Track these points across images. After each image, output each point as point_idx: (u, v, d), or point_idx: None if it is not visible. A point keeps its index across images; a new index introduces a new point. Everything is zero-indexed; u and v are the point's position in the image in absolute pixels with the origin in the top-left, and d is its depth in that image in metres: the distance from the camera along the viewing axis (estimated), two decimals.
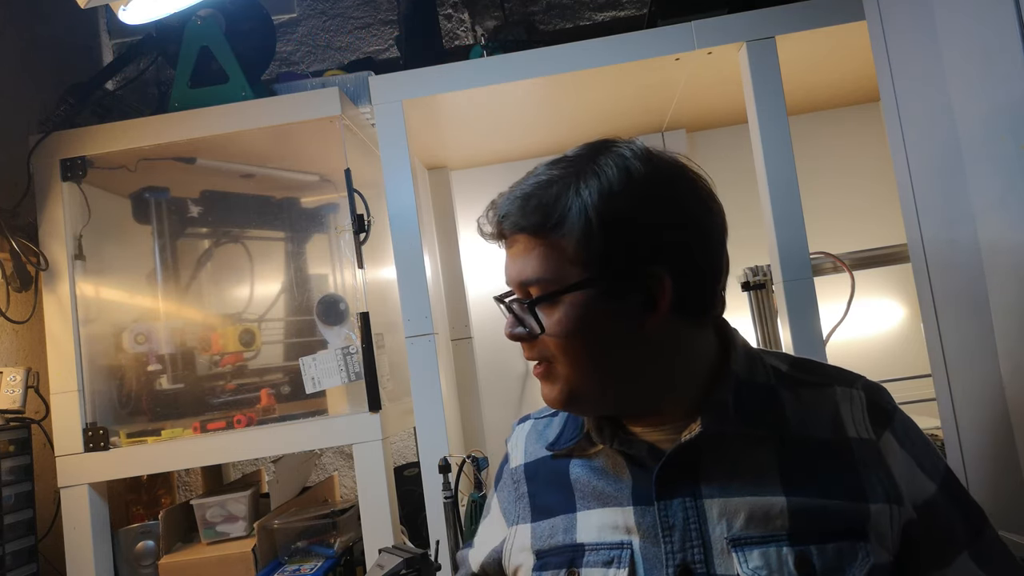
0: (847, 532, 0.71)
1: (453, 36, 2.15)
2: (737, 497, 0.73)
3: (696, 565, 0.72)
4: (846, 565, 0.70)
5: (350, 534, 1.61)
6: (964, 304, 1.02)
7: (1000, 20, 0.84)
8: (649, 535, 0.74)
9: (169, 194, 1.75)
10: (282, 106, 1.56)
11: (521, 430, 0.92)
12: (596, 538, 0.77)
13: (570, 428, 0.85)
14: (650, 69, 1.54)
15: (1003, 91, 0.87)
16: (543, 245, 0.74)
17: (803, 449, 0.75)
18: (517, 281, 0.77)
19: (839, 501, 0.72)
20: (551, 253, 0.74)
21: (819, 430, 0.76)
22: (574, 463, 0.83)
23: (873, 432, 0.76)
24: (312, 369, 1.55)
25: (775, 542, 0.71)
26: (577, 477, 0.81)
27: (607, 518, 0.77)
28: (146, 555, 1.62)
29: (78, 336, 1.56)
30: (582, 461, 0.82)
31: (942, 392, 1.10)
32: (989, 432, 0.99)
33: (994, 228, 0.92)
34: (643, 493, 0.76)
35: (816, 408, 0.77)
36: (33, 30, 1.86)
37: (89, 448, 1.53)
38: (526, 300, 0.76)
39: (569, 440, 0.84)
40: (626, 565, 0.74)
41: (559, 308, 0.74)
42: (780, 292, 1.40)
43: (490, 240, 0.80)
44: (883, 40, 1.13)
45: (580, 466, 0.82)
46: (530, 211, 0.74)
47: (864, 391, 0.79)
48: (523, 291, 0.77)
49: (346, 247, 1.58)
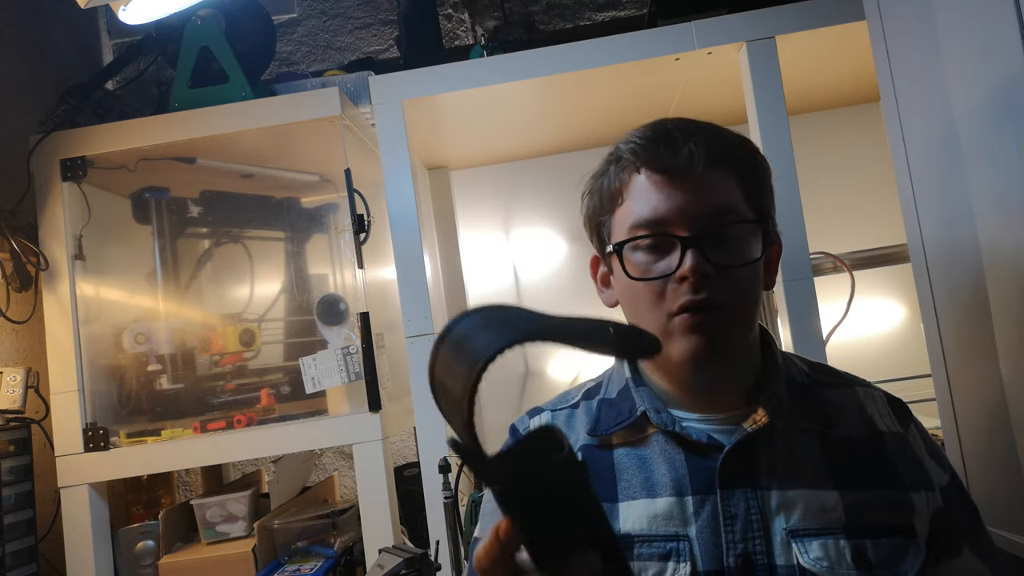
0: (898, 528, 0.73)
1: (453, 36, 2.15)
2: (794, 490, 0.73)
3: (757, 556, 0.71)
4: (898, 560, 0.71)
5: (350, 534, 1.61)
6: (964, 304, 1.02)
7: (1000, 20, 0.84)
8: (708, 525, 0.73)
9: (169, 194, 1.75)
10: (282, 106, 1.56)
11: (539, 421, 0.88)
12: (647, 529, 0.74)
13: (608, 414, 0.82)
14: (650, 69, 1.54)
15: (1003, 91, 0.87)
16: (733, 184, 0.75)
17: (845, 444, 0.77)
18: (713, 211, 0.74)
19: (886, 492, 0.74)
20: (738, 192, 0.76)
21: (853, 426, 0.78)
22: (619, 452, 0.79)
23: (900, 425, 0.79)
24: (312, 369, 1.55)
25: (832, 534, 0.71)
26: (624, 466, 0.78)
27: (658, 508, 0.75)
28: (146, 555, 1.62)
29: (78, 336, 1.56)
30: (627, 450, 0.79)
31: (942, 392, 1.10)
32: (989, 432, 0.99)
33: (994, 228, 0.92)
34: (703, 482, 0.74)
35: (845, 408, 0.79)
36: (33, 30, 1.86)
37: (89, 448, 1.53)
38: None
39: (615, 425, 0.80)
40: (687, 559, 0.72)
41: (751, 245, 0.75)
42: (780, 292, 1.40)
43: (651, 165, 0.75)
44: (883, 40, 1.13)
45: (626, 455, 0.79)
46: (735, 149, 0.77)
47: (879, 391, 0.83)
48: (711, 221, 0.74)
49: (346, 247, 1.58)
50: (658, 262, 0.75)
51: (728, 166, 0.75)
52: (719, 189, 0.75)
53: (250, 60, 1.67)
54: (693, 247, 0.72)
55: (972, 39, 0.91)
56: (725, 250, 0.74)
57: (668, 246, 0.74)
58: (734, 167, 0.76)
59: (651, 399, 0.80)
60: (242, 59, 1.63)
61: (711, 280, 0.73)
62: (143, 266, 1.76)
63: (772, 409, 0.75)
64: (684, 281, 0.73)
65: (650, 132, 0.77)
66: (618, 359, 0.86)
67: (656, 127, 0.78)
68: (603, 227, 0.81)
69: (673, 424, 0.77)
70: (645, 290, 0.75)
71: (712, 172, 0.74)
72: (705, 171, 0.74)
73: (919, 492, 0.75)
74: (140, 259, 1.76)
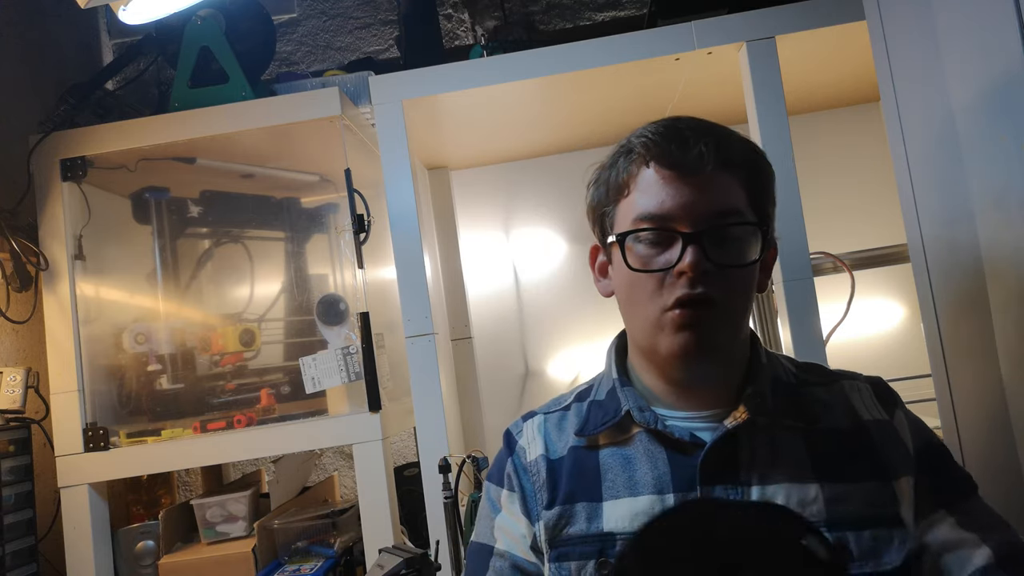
0: (880, 518, 0.74)
1: (453, 36, 2.15)
2: (773, 485, 0.75)
3: None
4: (882, 550, 0.72)
5: (350, 534, 1.61)
6: (964, 304, 1.02)
7: (1000, 20, 0.84)
8: None
9: (169, 194, 1.75)
10: (282, 106, 1.56)
11: (532, 424, 0.89)
12: (628, 527, 0.76)
13: (596, 415, 0.84)
14: (650, 69, 1.54)
15: (1003, 91, 0.87)
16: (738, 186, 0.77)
17: (829, 439, 0.78)
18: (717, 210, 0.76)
19: (867, 483, 0.75)
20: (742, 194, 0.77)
21: (838, 421, 0.80)
22: (604, 452, 0.81)
23: (885, 412, 0.81)
24: (312, 369, 1.55)
25: None
26: (609, 466, 0.80)
27: (640, 506, 0.76)
28: (146, 555, 1.62)
29: (78, 336, 1.56)
30: (612, 449, 0.81)
31: (942, 392, 1.10)
32: (989, 432, 0.99)
33: (994, 228, 0.92)
34: (684, 480, 0.76)
35: (831, 403, 0.82)
36: (33, 30, 1.86)
37: (89, 448, 1.53)
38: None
39: (601, 425, 0.82)
40: None
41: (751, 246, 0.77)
42: (780, 292, 1.40)
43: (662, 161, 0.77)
44: (883, 40, 1.13)
45: (611, 455, 0.81)
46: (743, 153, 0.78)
47: (867, 382, 0.84)
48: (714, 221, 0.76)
49: (346, 247, 1.58)
50: (659, 256, 0.77)
51: (735, 169, 0.77)
52: (724, 190, 0.76)
53: (250, 60, 1.67)
54: (694, 243, 0.74)
55: (972, 39, 0.91)
56: (725, 249, 0.76)
57: (670, 241, 0.76)
58: (741, 170, 0.78)
59: (635, 398, 0.82)
60: (242, 59, 1.63)
61: (709, 277, 0.75)
62: (143, 266, 1.76)
63: (753, 406, 0.77)
64: (683, 276, 0.75)
65: (663, 128, 0.79)
66: None
67: (669, 124, 0.79)
68: (606, 217, 0.83)
69: (656, 422, 0.79)
70: (644, 282, 0.77)
71: (719, 173, 0.76)
72: (713, 171, 0.76)
73: (902, 476, 0.76)
74: (140, 259, 1.76)
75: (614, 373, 0.86)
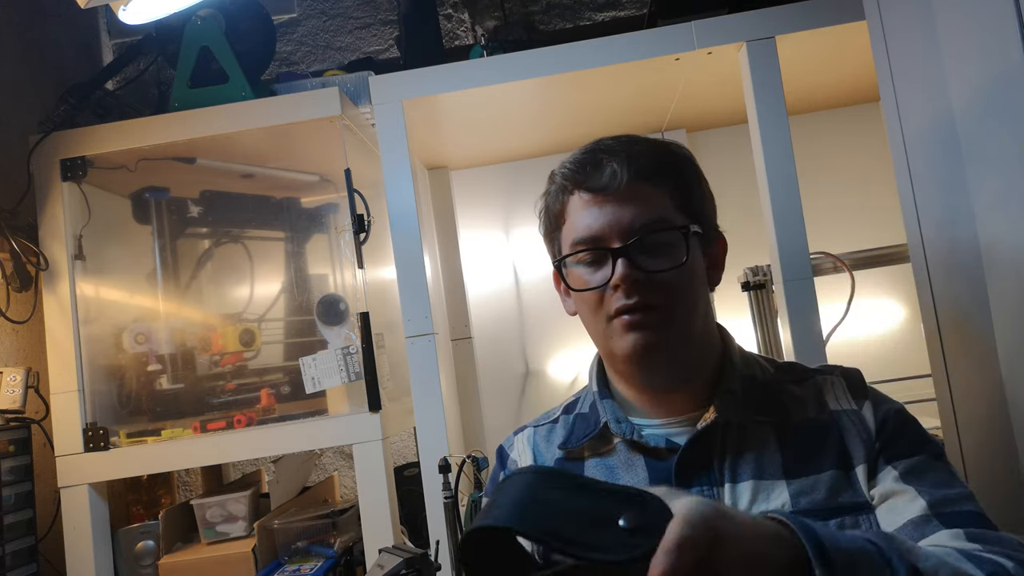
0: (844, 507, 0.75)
1: (453, 36, 2.15)
2: (743, 481, 0.78)
3: None
4: None
5: (350, 534, 1.61)
6: (964, 304, 1.02)
7: (1000, 20, 0.84)
8: None
9: (169, 194, 1.75)
10: (282, 106, 1.56)
11: (523, 437, 0.94)
12: None
13: (580, 427, 0.89)
14: (650, 69, 1.54)
15: (1003, 91, 0.87)
16: (659, 194, 0.81)
17: (799, 433, 0.81)
18: (640, 223, 0.80)
19: (830, 472, 0.77)
20: (665, 201, 0.81)
21: (808, 413, 0.82)
22: (589, 462, 0.86)
23: (855, 403, 0.82)
24: (312, 369, 1.55)
25: None
26: (593, 475, 0.84)
27: None
28: (146, 555, 1.62)
29: (78, 336, 1.56)
30: (596, 460, 0.85)
31: (942, 392, 1.10)
32: (989, 432, 0.99)
33: (994, 228, 0.92)
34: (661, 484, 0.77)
35: (803, 397, 0.84)
36: (33, 30, 1.86)
37: (89, 448, 1.53)
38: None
39: (583, 437, 0.87)
40: None
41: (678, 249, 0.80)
42: (780, 292, 1.40)
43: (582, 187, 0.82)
44: (883, 40, 1.13)
45: (595, 466, 0.85)
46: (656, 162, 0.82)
47: (842, 375, 0.86)
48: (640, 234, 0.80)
49: (346, 247, 1.58)
50: (595, 273, 0.82)
51: (654, 178, 0.81)
52: (644, 201, 0.81)
53: (250, 60, 1.67)
54: (623, 256, 0.79)
55: (972, 39, 0.91)
56: (654, 257, 0.80)
57: (603, 258, 0.82)
58: (660, 177, 0.82)
59: (614, 410, 0.86)
60: (242, 59, 1.63)
61: (642, 285, 0.79)
62: (143, 266, 1.76)
63: (722, 405, 0.80)
64: (618, 288, 0.80)
65: (580, 155, 0.85)
66: None
67: (588, 149, 0.85)
68: (554, 244, 0.89)
69: (632, 433, 0.83)
70: (588, 298, 0.83)
71: (637, 186, 0.80)
72: (629, 186, 0.80)
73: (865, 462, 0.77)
74: (140, 259, 1.76)
75: (595, 386, 0.90)
